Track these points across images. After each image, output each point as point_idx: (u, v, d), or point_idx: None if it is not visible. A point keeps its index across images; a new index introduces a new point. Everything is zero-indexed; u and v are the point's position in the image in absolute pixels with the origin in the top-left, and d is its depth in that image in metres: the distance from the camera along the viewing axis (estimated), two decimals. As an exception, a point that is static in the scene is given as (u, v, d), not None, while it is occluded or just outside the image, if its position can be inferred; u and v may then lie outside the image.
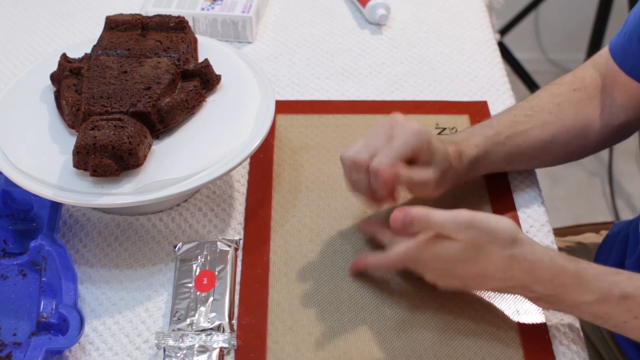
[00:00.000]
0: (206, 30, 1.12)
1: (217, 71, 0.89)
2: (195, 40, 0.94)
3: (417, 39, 1.14)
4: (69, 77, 0.86)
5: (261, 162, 0.93)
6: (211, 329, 0.74)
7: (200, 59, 0.92)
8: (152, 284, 0.81)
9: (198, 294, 0.77)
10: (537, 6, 2.18)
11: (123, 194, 0.77)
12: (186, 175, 0.78)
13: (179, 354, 0.72)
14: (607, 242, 1.01)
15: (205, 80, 0.87)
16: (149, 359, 0.75)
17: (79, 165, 0.77)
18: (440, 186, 0.79)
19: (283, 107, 1.01)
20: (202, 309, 0.76)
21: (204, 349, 0.73)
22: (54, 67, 0.89)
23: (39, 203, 0.84)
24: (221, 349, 0.73)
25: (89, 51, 0.91)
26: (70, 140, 0.82)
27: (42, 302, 0.76)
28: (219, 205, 0.89)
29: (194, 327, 0.74)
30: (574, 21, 2.37)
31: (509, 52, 2.14)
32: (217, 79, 0.89)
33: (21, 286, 0.79)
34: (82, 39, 1.13)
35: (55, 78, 0.88)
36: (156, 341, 0.73)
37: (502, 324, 0.76)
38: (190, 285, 0.78)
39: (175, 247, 0.82)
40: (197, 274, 0.79)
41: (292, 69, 1.08)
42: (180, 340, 0.73)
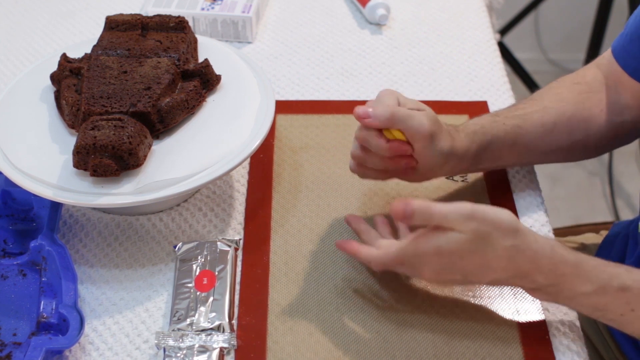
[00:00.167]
0: (206, 30, 1.12)
1: (217, 71, 0.89)
2: (195, 40, 0.94)
3: (417, 39, 1.14)
4: (69, 77, 0.87)
5: (261, 162, 0.93)
6: (211, 329, 0.74)
7: (200, 59, 0.92)
8: (152, 284, 0.81)
9: (198, 294, 0.77)
10: (537, 6, 2.18)
11: (123, 194, 0.77)
12: (186, 175, 0.78)
13: (179, 354, 0.72)
14: (607, 242, 1.01)
15: (205, 80, 0.87)
16: (149, 359, 0.75)
17: (79, 165, 0.77)
18: (436, 141, 0.77)
19: (283, 107, 1.01)
20: (202, 309, 0.76)
21: (204, 349, 0.73)
22: (54, 67, 0.89)
23: (39, 203, 0.84)
24: (221, 349, 0.73)
25: (89, 51, 0.91)
26: (70, 140, 0.82)
27: (42, 302, 0.76)
28: (219, 205, 0.89)
29: (194, 327, 0.74)
30: (574, 21, 2.37)
31: (509, 52, 2.14)
32: (217, 79, 0.89)
33: (21, 286, 0.79)
34: (82, 39, 1.13)
35: (55, 78, 0.88)
36: (156, 341, 0.73)
37: (502, 323, 0.76)
38: (190, 285, 0.78)
39: (175, 247, 0.82)
40: (197, 274, 0.79)
41: (292, 69, 1.08)
42: (180, 340, 0.73)
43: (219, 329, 0.74)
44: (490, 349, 0.74)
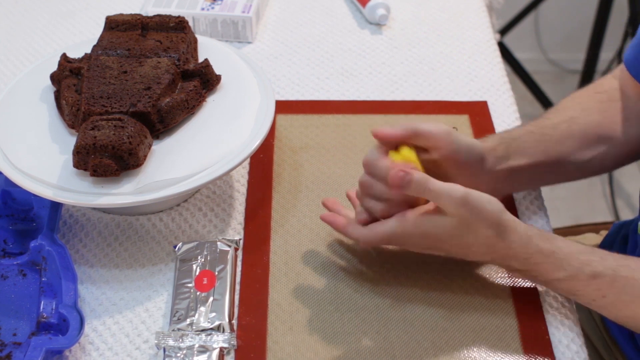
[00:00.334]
0: (206, 30, 1.12)
1: (217, 71, 0.89)
2: (195, 40, 0.94)
3: (417, 39, 1.14)
4: (69, 77, 0.87)
5: (261, 162, 0.93)
6: (211, 329, 0.74)
7: (200, 59, 0.92)
8: (152, 284, 0.81)
9: (198, 294, 0.77)
10: (537, 6, 2.18)
11: (123, 194, 0.77)
12: (186, 175, 0.78)
13: (179, 354, 0.72)
14: (607, 242, 1.01)
15: (205, 80, 0.87)
16: (149, 359, 0.75)
17: (79, 165, 0.77)
18: (459, 142, 0.76)
19: (283, 107, 1.01)
20: (202, 309, 0.76)
21: (204, 349, 0.73)
22: (54, 67, 0.89)
23: (39, 203, 0.84)
24: (221, 349, 0.73)
25: (89, 51, 0.91)
26: (70, 140, 0.82)
27: (42, 302, 0.76)
28: (219, 205, 0.89)
29: (194, 327, 0.74)
30: (574, 21, 2.37)
31: (509, 52, 2.14)
32: (217, 79, 0.89)
33: (21, 286, 0.79)
34: (82, 39, 1.13)
35: (55, 78, 0.88)
36: (156, 341, 0.73)
37: (502, 324, 0.76)
38: (190, 285, 0.78)
39: (175, 247, 0.82)
40: (197, 274, 0.79)
41: (292, 69, 1.08)
42: (180, 340, 0.73)
43: (219, 329, 0.74)
44: (490, 349, 0.74)
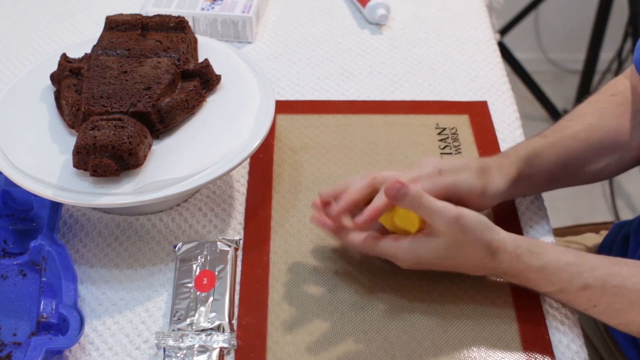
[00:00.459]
0: (206, 30, 1.12)
1: (217, 71, 0.89)
2: (195, 40, 0.94)
3: (417, 39, 1.14)
4: (69, 77, 0.87)
5: (261, 162, 0.93)
6: (211, 329, 0.74)
7: (200, 59, 0.92)
8: (152, 284, 0.81)
9: (198, 294, 0.77)
10: (537, 6, 2.18)
11: (123, 194, 0.77)
12: (186, 175, 0.78)
13: (179, 354, 0.72)
14: (607, 242, 1.01)
15: (205, 80, 0.87)
16: (149, 359, 0.75)
17: (79, 165, 0.77)
18: (490, 189, 0.79)
19: (283, 107, 1.01)
20: (202, 309, 0.76)
21: (204, 349, 0.73)
22: (54, 67, 0.89)
23: (39, 203, 0.84)
24: (221, 349, 0.73)
25: (89, 51, 0.91)
26: (70, 140, 0.82)
27: (42, 302, 0.76)
28: (219, 205, 0.89)
29: (194, 327, 0.74)
30: (574, 21, 2.37)
31: (509, 52, 2.14)
32: (217, 79, 0.89)
33: (21, 286, 0.79)
34: (82, 39, 1.13)
35: (55, 78, 0.88)
36: (156, 341, 0.73)
37: (502, 324, 0.76)
38: (190, 285, 0.78)
39: (175, 247, 0.82)
40: (197, 274, 0.79)
41: (292, 69, 1.08)
42: (180, 340, 0.73)
43: (219, 329, 0.74)
44: (490, 349, 0.74)
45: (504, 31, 2.18)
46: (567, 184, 0.88)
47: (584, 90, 2.21)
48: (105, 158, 0.76)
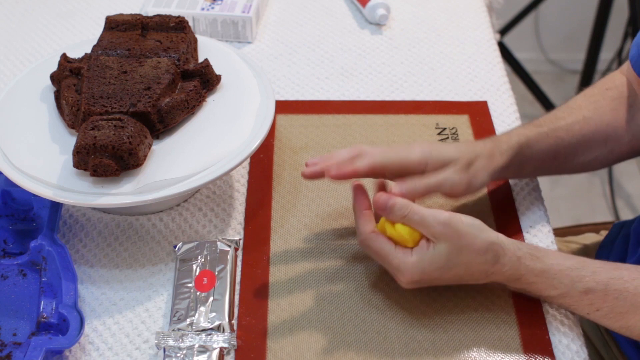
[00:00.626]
0: (206, 30, 1.12)
1: (217, 71, 0.89)
2: (195, 40, 0.94)
3: (417, 39, 1.14)
4: (69, 77, 0.87)
5: (261, 162, 0.93)
6: (211, 329, 0.74)
7: (200, 59, 0.92)
8: (152, 284, 0.81)
9: (198, 294, 0.77)
10: (537, 6, 2.18)
11: (123, 194, 0.77)
12: (186, 175, 0.78)
13: (179, 354, 0.72)
14: (607, 242, 1.01)
15: (205, 80, 0.87)
16: (149, 359, 0.75)
17: (79, 165, 0.77)
18: (474, 183, 0.80)
19: (283, 107, 1.01)
20: (202, 309, 0.76)
21: (204, 349, 0.73)
22: (54, 67, 0.89)
23: (39, 203, 0.84)
24: (221, 349, 0.73)
25: (89, 51, 0.91)
26: (70, 140, 0.82)
27: (42, 302, 0.76)
28: (219, 205, 0.89)
29: (194, 327, 0.74)
30: (574, 21, 2.37)
31: (509, 52, 2.14)
32: (217, 79, 0.89)
33: (21, 286, 0.79)
34: (82, 39, 1.13)
35: (55, 78, 0.88)
36: (156, 341, 0.73)
37: (502, 324, 0.76)
38: (190, 285, 0.78)
39: (175, 247, 0.82)
40: (197, 274, 0.79)
41: (292, 69, 1.08)
42: (180, 340, 0.73)
43: (219, 329, 0.74)
44: (490, 349, 0.74)
45: (504, 31, 2.17)
46: (553, 173, 0.91)
47: (584, 91, 2.21)
48: (105, 158, 0.76)
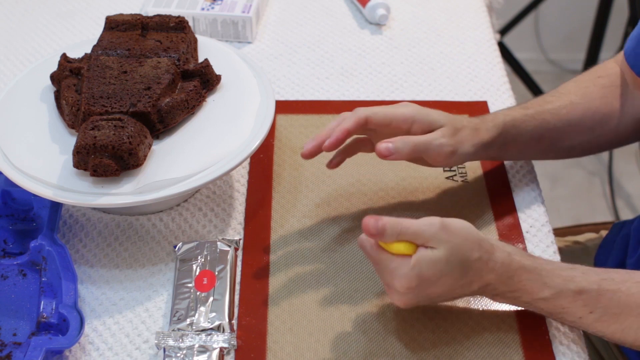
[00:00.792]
0: (206, 30, 1.12)
1: (217, 71, 0.89)
2: (195, 40, 0.94)
3: (417, 39, 1.14)
4: (69, 77, 0.87)
5: (261, 162, 0.93)
6: (211, 329, 0.74)
7: (200, 59, 0.92)
8: (152, 284, 0.81)
9: (198, 294, 0.77)
10: (537, 6, 2.18)
11: (123, 194, 0.77)
12: (186, 175, 0.78)
13: (179, 354, 0.72)
14: (607, 242, 1.01)
15: (205, 80, 0.87)
16: (149, 359, 0.75)
17: (79, 165, 0.77)
18: (459, 151, 0.80)
19: (283, 107, 1.01)
20: (202, 309, 0.76)
21: (204, 349, 0.73)
22: (54, 67, 0.89)
23: (39, 203, 0.84)
24: (221, 349, 0.73)
25: (89, 51, 0.91)
26: (70, 140, 0.82)
27: (42, 302, 0.76)
28: (219, 205, 0.89)
29: (194, 327, 0.74)
30: (574, 21, 2.37)
31: (509, 52, 2.14)
32: (217, 79, 0.89)
33: (21, 286, 0.79)
34: (82, 39, 1.13)
35: (55, 78, 0.88)
36: (156, 341, 0.73)
37: (502, 324, 0.76)
38: (190, 285, 0.78)
39: (175, 247, 0.82)
40: (197, 274, 0.79)
41: (292, 69, 1.08)
42: (180, 340, 0.73)
43: (219, 329, 0.74)
44: (490, 349, 0.74)
45: (504, 31, 2.17)
46: (537, 157, 0.91)
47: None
48: (105, 158, 0.76)
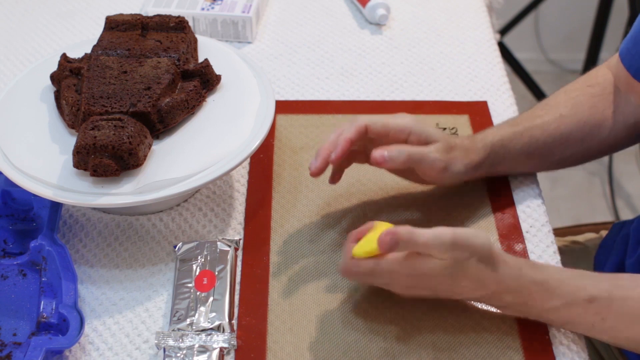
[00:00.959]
0: (206, 30, 1.12)
1: (217, 71, 0.89)
2: (195, 40, 0.94)
3: (417, 39, 1.14)
4: (69, 77, 0.87)
5: (261, 162, 0.93)
6: (211, 329, 0.74)
7: (200, 59, 0.92)
8: (152, 284, 0.81)
9: (198, 294, 0.77)
10: (537, 6, 2.18)
11: (123, 194, 0.77)
12: (186, 175, 0.78)
13: (179, 354, 0.72)
14: (607, 242, 1.01)
15: (205, 80, 0.87)
16: (149, 359, 0.75)
17: (79, 165, 0.77)
18: (451, 168, 0.80)
19: (283, 107, 1.01)
20: (202, 309, 0.76)
21: (204, 349, 0.73)
22: (54, 67, 0.89)
23: (39, 203, 0.84)
24: (221, 349, 0.73)
25: (89, 51, 0.91)
26: (70, 140, 0.82)
27: (42, 302, 0.76)
28: (219, 205, 0.89)
29: (194, 327, 0.74)
30: (574, 21, 2.37)
31: (509, 52, 2.14)
32: (217, 79, 0.89)
33: (21, 286, 0.79)
34: (82, 39, 1.13)
35: (55, 78, 0.88)
36: (156, 341, 0.73)
37: (502, 324, 0.76)
38: (190, 285, 0.78)
39: (175, 247, 0.82)
40: (197, 274, 0.79)
41: (292, 69, 1.08)
42: (180, 340, 0.73)
43: (219, 329, 0.74)
44: (490, 349, 0.74)
45: (504, 31, 2.17)
46: (531, 170, 0.90)
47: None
48: (105, 158, 0.76)
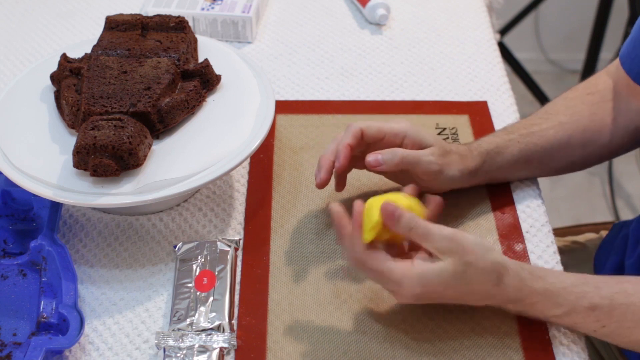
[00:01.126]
0: (206, 30, 1.12)
1: (217, 71, 0.89)
2: (195, 40, 0.94)
3: (417, 39, 1.14)
4: (69, 77, 0.87)
5: (261, 162, 0.93)
6: (211, 329, 0.74)
7: (200, 59, 0.92)
8: (152, 284, 0.81)
9: (198, 294, 0.77)
10: (537, 6, 2.18)
11: (123, 194, 0.77)
12: (186, 175, 0.78)
13: (179, 354, 0.72)
14: (607, 242, 1.01)
15: (205, 80, 0.87)
16: (149, 359, 0.75)
17: (79, 165, 0.77)
18: (446, 172, 0.80)
19: (283, 107, 1.01)
20: (202, 309, 0.76)
21: (204, 349, 0.73)
22: (54, 67, 0.89)
23: (39, 203, 0.84)
24: (221, 349, 0.73)
25: (89, 51, 0.91)
26: (70, 140, 0.82)
27: (42, 302, 0.76)
28: (219, 205, 0.89)
29: (194, 327, 0.74)
30: (574, 21, 2.37)
31: (509, 52, 2.14)
32: (217, 79, 0.89)
33: (21, 286, 0.79)
34: (82, 39, 1.13)
35: (55, 78, 0.88)
36: (156, 341, 0.73)
37: (502, 325, 0.76)
38: (190, 285, 0.78)
39: (175, 247, 0.82)
40: (197, 274, 0.79)
41: (292, 69, 1.08)
42: (180, 340, 0.73)
43: (219, 329, 0.74)
44: (490, 349, 0.74)
45: (504, 31, 2.17)
46: (530, 176, 0.90)
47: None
48: (105, 158, 0.76)
